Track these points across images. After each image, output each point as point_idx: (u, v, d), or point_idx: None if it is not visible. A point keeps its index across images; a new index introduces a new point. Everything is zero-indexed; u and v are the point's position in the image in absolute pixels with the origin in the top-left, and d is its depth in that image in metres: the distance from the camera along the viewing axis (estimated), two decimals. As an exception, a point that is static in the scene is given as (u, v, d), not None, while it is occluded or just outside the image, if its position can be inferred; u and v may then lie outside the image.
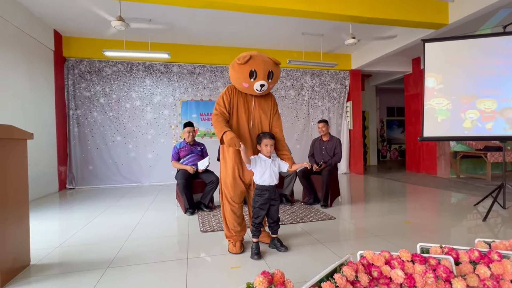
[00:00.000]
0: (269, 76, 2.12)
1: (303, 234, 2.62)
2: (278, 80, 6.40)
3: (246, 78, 2.09)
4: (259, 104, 2.27)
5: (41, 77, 4.77)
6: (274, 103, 2.37)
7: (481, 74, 3.03)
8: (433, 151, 6.57)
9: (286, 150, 2.33)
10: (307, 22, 4.93)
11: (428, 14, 4.26)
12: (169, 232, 2.77)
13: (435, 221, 3.00)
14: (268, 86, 2.16)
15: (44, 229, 2.93)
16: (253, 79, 2.09)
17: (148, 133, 5.96)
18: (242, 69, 2.09)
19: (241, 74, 2.10)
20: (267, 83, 2.12)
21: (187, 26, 5.08)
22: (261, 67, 2.07)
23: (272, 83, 2.18)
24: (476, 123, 3.06)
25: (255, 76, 2.08)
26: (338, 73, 7.01)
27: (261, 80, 2.09)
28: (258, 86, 2.10)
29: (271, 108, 2.33)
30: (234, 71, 2.15)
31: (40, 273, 1.92)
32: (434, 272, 1.47)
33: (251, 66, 2.07)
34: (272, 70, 2.13)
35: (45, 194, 4.76)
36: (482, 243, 1.77)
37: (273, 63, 2.15)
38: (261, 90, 2.13)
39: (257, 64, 2.07)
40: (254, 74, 2.08)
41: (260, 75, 2.08)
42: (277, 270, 1.41)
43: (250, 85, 2.11)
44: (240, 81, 2.13)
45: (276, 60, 2.17)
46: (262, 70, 2.07)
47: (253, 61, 2.07)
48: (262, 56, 2.13)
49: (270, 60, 2.15)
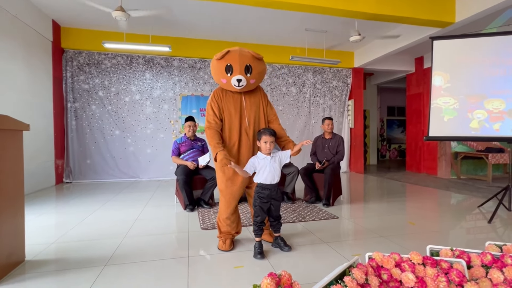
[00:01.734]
0: (247, 70, 2.04)
1: (306, 233, 2.56)
2: (276, 77, 6.45)
3: (223, 73, 2.04)
4: (249, 100, 2.20)
5: (39, 69, 4.66)
6: (263, 94, 2.30)
7: (490, 73, 2.97)
8: (434, 151, 6.54)
9: (285, 136, 2.26)
10: (311, 18, 4.84)
11: (435, 12, 4.18)
12: (169, 229, 2.71)
13: (439, 222, 2.95)
14: (248, 82, 2.07)
15: (40, 223, 2.85)
16: (230, 74, 2.03)
17: (147, 127, 5.88)
18: (218, 64, 2.05)
19: (218, 70, 2.06)
20: (245, 77, 2.04)
21: (189, 20, 4.99)
22: (237, 61, 2.01)
23: (253, 78, 2.09)
24: (484, 124, 3.00)
25: (231, 71, 2.02)
26: (341, 70, 6.94)
27: (237, 74, 2.02)
28: (235, 81, 2.03)
29: (261, 101, 2.25)
30: (212, 67, 2.11)
31: (35, 270, 1.85)
32: (446, 276, 1.41)
33: (227, 60, 2.02)
34: (250, 64, 2.04)
35: (41, 187, 4.67)
36: (493, 246, 1.72)
37: (252, 57, 2.07)
38: (239, 86, 2.06)
39: (233, 59, 2.02)
40: (230, 69, 2.02)
41: (236, 69, 2.02)
42: (284, 271, 1.35)
43: (228, 81, 2.05)
44: (218, 77, 2.09)
45: (257, 54, 2.09)
46: (238, 64, 2.01)
47: (229, 56, 2.03)
48: (241, 50, 2.06)
49: (249, 54, 2.07)
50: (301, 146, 2.11)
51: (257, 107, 2.22)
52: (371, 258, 1.57)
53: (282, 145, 2.25)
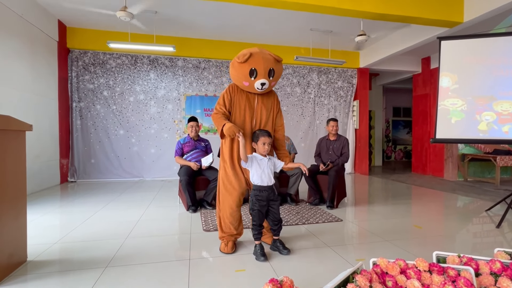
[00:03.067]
0: (270, 74, 2.04)
1: (309, 236, 2.53)
2: (281, 77, 6.40)
3: (247, 77, 2.02)
4: (262, 102, 2.19)
5: (44, 68, 4.69)
6: (277, 101, 2.30)
7: (499, 74, 2.90)
8: (440, 153, 6.44)
9: (284, 149, 2.29)
10: (316, 17, 4.80)
11: (442, 11, 4.11)
12: (171, 230, 2.69)
13: (446, 226, 2.89)
14: (270, 84, 2.08)
15: (43, 223, 2.86)
16: (254, 78, 2.02)
17: (151, 127, 5.88)
18: (242, 68, 2.02)
19: (241, 73, 2.03)
20: (268, 81, 2.05)
21: (193, 19, 4.98)
22: (262, 65, 1.99)
23: (274, 80, 2.11)
24: (492, 126, 2.93)
25: (256, 75, 2.01)
26: (346, 71, 6.88)
27: (262, 78, 2.02)
28: (259, 84, 2.03)
29: (274, 107, 2.25)
30: (235, 69, 2.08)
31: (36, 270, 1.84)
32: (453, 284, 1.37)
33: (251, 64, 2.00)
34: (273, 67, 2.05)
35: (46, 186, 4.70)
36: (502, 253, 1.67)
37: (274, 60, 2.07)
38: (262, 89, 2.06)
39: (257, 62, 1.99)
40: (255, 72, 2.00)
41: (260, 73, 2.00)
42: (286, 277, 1.32)
43: (251, 84, 2.04)
44: (240, 80, 2.07)
45: (277, 56, 2.09)
46: (262, 68, 1.99)
47: (253, 59, 2.00)
48: (263, 53, 2.04)
49: (271, 57, 2.06)
50: (297, 166, 2.13)
51: (268, 112, 2.21)
52: (376, 264, 1.53)
53: (279, 157, 2.26)
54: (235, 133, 1.95)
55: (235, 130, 1.94)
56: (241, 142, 1.97)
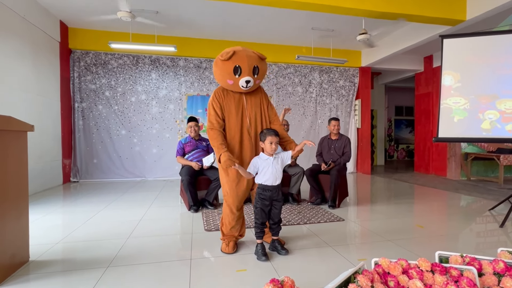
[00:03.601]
0: (254, 71, 2.03)
1: (311, 236, 2.52)
2: (282, 77, 6.39)
3: (231, 75, 2.00)
4: (250, 100, 2.17)
5: (46, 69, 4.71)
6: (264, 94, 2.27)
7: (502, 72, 2.87)
8: (443, 152, 6.40)
9: (287, 136, 2.24)
10: (317, 16, 4.79)
11: (445, 9, 4.08)
12: (173, 230, 2.70)
13: (448, 226, 2.87)
14: (255, 82, 2.06)
15: (45, 223, 2.87)
16: (238, 75, 2.00)
17: (153, 127, 5.90)
18: (225, 66, 2.00)
19: (225, 71, 2.01)
20: (253, 78, 2.03)
21: (195, 19, 4.98)
22: (246, 62, 1.98)
23: (259, 78, 2.09)
24: (495, 124, 2.91)
25: (240, 72, 1.99)
26: (348, 70, 6.85)
27: (246, 76, 2.00)
28: (243, 82, 2.01)
29: (262, 101, 2.22)
30: (218, 68, 2.06)
31: (38, 270, 1.85)
32: (456, 284, 1.36)
33: (235, 62, 1.98)
34: (257, 65, 2.03)
35: (49, 186, 4.73)
36: (505, 253, 1.65)
37: (258, 57, 2.06)
38: (247, 87, 2.05)
39: (241, 60, 1.98)
40: (239, 70, 1.98)
41: (245, 70, 1.99)
42: (287, 277, 1.32)
43: (235, 82, 2.02)
44: (224, 78, 2.05)
45: (261, 54, 2.08)
46: (246, 65, 1.98)
47: (237, 57, 1.98)
48: (246, 51, 2.03)
49: (255, 54, 2.05)
50: (303, 146, 2.08)
51: (258, 107, 2.20)
52: (377, 264, 1.52)
53: (284, 145, 2.21)
54: (231, 166, 1.93)
55: (231, 164, 1.91)
56: (240, 171, 1.97)
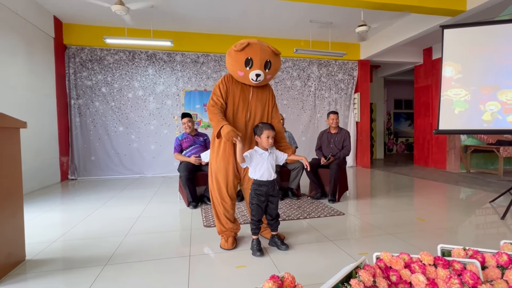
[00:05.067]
0: (266, 66, 1.99)
1: (311, 230, 2.50)
2: (280, 71, 6.31)
3: (242, 66, 1.96)
4: (257, 95, 2.13)
5: (41, 65, 4.64)
6: (272, 94, 2.24)
7: (504, 63, 2.82)
8: (443, 144, 6.38)
9: (285, 141, 2.22)
10: (315, 9, 4.71)
11: (445, 0, 4.02)
12: (171, 227, 2.67)
13: (449, 219, 2.86)
14: (265, 77, 2.02)
15: (43, 221, 2.84)
16: (249, 68, 1.96)
17: (151, 123, 5.84)
18: (238, 56, 1.96)
19: (237, 62, 1.97)
20: (264, 73, 1.99)
21: (191, 13, 4.89)
22: (258, 55, 1.94)
23: (270, 73, 2.04)
24: (497, 116, 2.87)
25: (251, 65, 1.95)
26: (346, 63, 6.79)
27: (257, 69, 1.96)
28: (253, 75, 1.97)
29: (269, 100, 2.19)
30: (231, 58, 2.02)
31: (35, 270, 1.82)
32: (459, 277, 1.33)
33: (247, 53, 1.94)
34: (270, 59, 1.99)
35: (47, 184, 4.69)
36: (508, 245, 1.63)
37: (272, 52, 2.01)
38: (257, 80, 2.00)
39: (254, 52, 1.94)
40: (250, 62, 1.95)
41: (256, 64, 1.95)
42: (287, 273, 1.29)
43: (246, 74, 1.98)
44: (235, 69, 2.01)
45: (276, 50, 2.02)
46: (258, 58, 1.94)
47: (250, 49, 1.94)
48: (261, 44, 1.99)
49: (269, 49, 2.00)
50: (299, 160, 2.06)
51: (263, 105, 2.16)
52: (379, 259, 1.50)
53: (281, 150, 2.18)
54: (234, 139, 1.85)
55: (234, 135, 1.83)
56: (238, 146, 1.91)
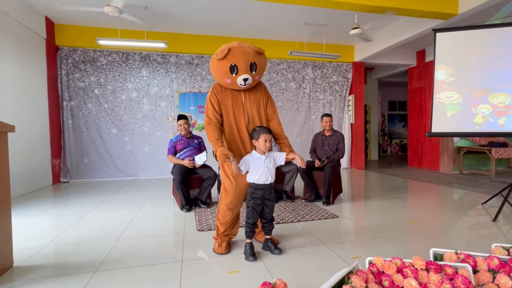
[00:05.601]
0: (251, 68, 1.94)
1: (305, 234, 2.49)
2: (275, 73, 6.33)
3: (228, 74, 1.92)
4: (249, 96, 2.10)
5: (33, 67, 4.57)
6: (265, 90, 2.19)
7: (495, 66, 2.86)
8: (436, 146, 6.44)
9: (284, 138, 2.17)
10: (310, 11, 4.72)
11: (437, 3, 4.06)
12: (164, 231, 2.64)
13: (442, 221, 2.87)
14: (253, 79, 1.98)
15: (32, 226, 2.79)
16: (235, 74, 1.92)
17: (145, 125, 5.79)
18: (221, 65, 1.92)
19: (222, 70, 1.93)
20: (251, 75, 1.95)
21: (185, 14, 4.87)
22: (242, 60, 1.89)
23: (258, 74, 2.00)
24: (488, 119, 2.90)
25: (237, 71, 1.91)
26: (341, 65, 6.82)
27: (244, 74, 1.92)
28: (241, 80, 1.94)
29: (262, 98, 2.15)
30: (214, 67, 1.98)
31: (23, 277, 1.78)
32: (451, 282, 1.34)
33: (230, 60, 1.89)
34: (254, 61, 1.94)
35: (38, 187, 4.61)
36: (500, 248, 1.64)
37: (255, 52, 1.95)
38: (246, 84, 1.97)
39: (237, 57, 1.88)
40: (235, 68, 1.90)
41: (241, 69, 1.90)
42: (280, 280, 1.28)
43: (233, 81, 1.95)
44: (222, 78, 1.98)
45: (258, 48, 1.97)
46: (243, 63, 1.89)
47: (232, 55, 1.88)
48: (242, 47, 1.92)
49: (252, 49, 1.94)
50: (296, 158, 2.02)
51: (258, 104, 2.13)
52: (372, 263, 1.50)
53: (280, 147, 2.17)
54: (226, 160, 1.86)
55: (225, 158, 1.84)
56: (232, 164, 1.90)
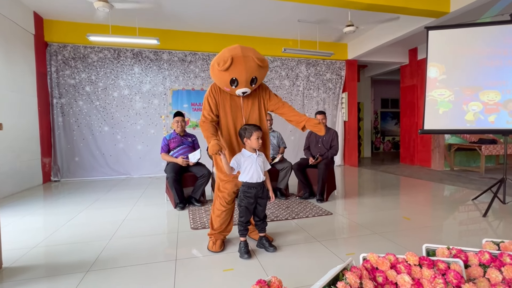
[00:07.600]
0: (252, 82, 1.94)
1: (299, 231, 2.50)
2: (269, 70, 6.30)
3: (227, 84, 1.93)
4: (247, 99, 2.10)
5: (20, 64, 4.46)
6: (264, 88, 2.16)
7: (486, 64, 2.90)
8: (427, 143, 6.52)
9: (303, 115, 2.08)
10: (303, 8, 4.71)
11: (429, 1, 4.09)
12: (158, 229, 2.61)
13: (434, 217, 2.91)
14: (252, 90, 2.01)
15: (22, 226, 2.73)
16: (235, 86, 1.92)
17: (137, 123, 5.72)
18: (222, 76, 1.90)
19: (222, 80, 1.93)
20: (250, 88, 1.97)
21: (178, 11, 4.81)
22: (243, 75, 1.87)
23: (256, 85, 2.02)
24: (479, 116, 2.95)
25: (237, 84, 1.91)
26: (334, 63, 6.84)
27: (243, 87, 1.93)
28: (240, 92, 1.97)
29: (262, 96, 2.13)
30: (215, 75, 1.96)
31: (12, 278, 1.74)
32: (443, 277, 1.35)
33: (232, 74, 1.86)
34: (255, 76, 1.92)
35: (28, 187, 4.52)
36: (490, 243, 1.66)
37: (258, 66, 1.90)
38: (244, 95, 2.00)
39: (239, 72, 1.86)
40: (236, 82, 1.90)
41: (242, 83, 1.90)
42: (274, 277, 1.28)
43: (232, 91, 1.97)
44: (221, 85, 1.99)
45: (261, 61, 1.91)
46: (244, 78, 1.88)
47: (235, 68, 1.84)
48: (246, 59, 1.86)
49: (255, 63, 1.88)
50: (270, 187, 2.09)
51: (257, 105, 2.11)
52: (366, 260, 1.50)
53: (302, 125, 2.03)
54: (217, 152, 1.81)
55: (217, 149, 1.80)
56: (223, 160, 1.88)
